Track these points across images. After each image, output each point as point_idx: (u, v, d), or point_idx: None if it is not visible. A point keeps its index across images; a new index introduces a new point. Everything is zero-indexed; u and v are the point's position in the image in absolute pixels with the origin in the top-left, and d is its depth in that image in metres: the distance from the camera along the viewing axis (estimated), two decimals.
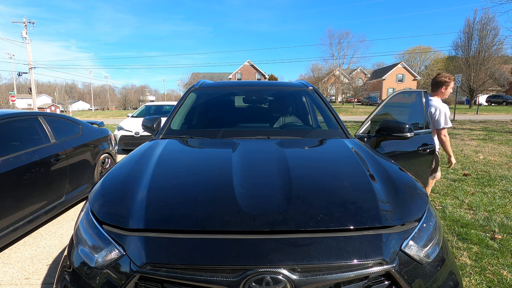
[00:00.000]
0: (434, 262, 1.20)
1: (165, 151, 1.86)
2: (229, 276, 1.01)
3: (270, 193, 1.36)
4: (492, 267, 2.42)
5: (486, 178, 5.07)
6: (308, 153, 2.01)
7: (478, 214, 3.50)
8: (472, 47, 32.83)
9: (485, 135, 10.63)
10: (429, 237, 1.25)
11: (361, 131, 2.73)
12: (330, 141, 2.20)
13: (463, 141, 9.34)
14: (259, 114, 3.01)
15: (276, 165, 1.60)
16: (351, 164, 1.70)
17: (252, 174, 1.52)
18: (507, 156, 6.89)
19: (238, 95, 3.15)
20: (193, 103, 2.79)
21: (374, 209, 1.26)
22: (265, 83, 3.50)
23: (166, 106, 10.63)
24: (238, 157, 1.70)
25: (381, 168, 1.63)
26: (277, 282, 0.99)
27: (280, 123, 2.85)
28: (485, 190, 4.42)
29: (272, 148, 1.94)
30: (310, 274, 1.02)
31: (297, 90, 3.05)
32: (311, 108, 3.01)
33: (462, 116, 21.51)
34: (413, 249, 1.16)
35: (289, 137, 2.27)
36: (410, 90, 3.33)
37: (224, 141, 2.13)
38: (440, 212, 3.57)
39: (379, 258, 1.07)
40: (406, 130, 2.35)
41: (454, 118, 18.42)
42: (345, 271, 1.03)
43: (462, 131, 12.08)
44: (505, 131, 11.98)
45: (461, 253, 2.63)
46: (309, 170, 1.64)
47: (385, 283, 1.09)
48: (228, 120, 2.76)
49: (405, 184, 1.56)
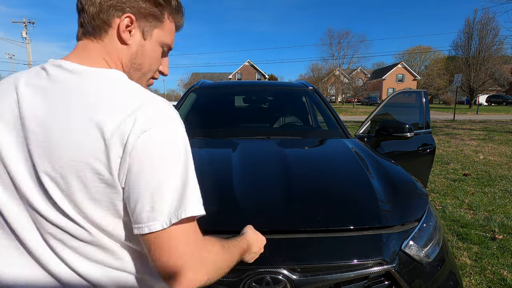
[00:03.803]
0: (434, 262, 1.20)
1: None
2: (229, 276, 1.00)
3: (270, 193, 1.36)
4: (492, 267, 2.42)
5: (486, 178, 5.07)
6: (308, 153, 2.01)
7: (478, 214, 3.50)
8: (472, 47, 32.85)
9: (485, 135, 10.63)
10: (429, 237, 1.25)
11: (361, 131, 2.73)
12: (330, 141, 2.20)
13: (463, 141, 9.34)
14: (259, 114, 3.01)
15: (276, 165, 1.60)
16: (351, 164, 1.70)
17: (252, 174, 1.52)
18: (507, 156, 6.89)
19: (238, 95, 3.15)
20: (193, 103, 2.79)
21: (374, 209, 1.26)
22: (265, 83, 3.51)
23: None
24: (238, 157, 1.70)
25: (381, 168, 1.63)
26: (277, 282, 0.99)
27: (280, 123, 2.85)
28: (485, 190, 4.42)
29: (272, 148, 1.94)
30: (310, 274, 1.02)
31: (297, 90, 3.05)
32: (311, 108, 3.01)
33: (462, 116, 21.52)
34: (413, 249, 1.16)
35: (289, 137, 2.27)
36: (410, 90, 3.33)
37: (224, 141, 2.13)
38: (440, 212, 3.57)
39: (379, 258, 1.07)
40: (406, 130, 2.35)
41: (454, 118, 18.42)
42: (345, 271, 1.03)
43: (462, 131, 12.08)
44: (505, 131, 11.98)
45: (461, 253, 2.63)
46: (309, 170, 1.64)
47: (385, 283, 1.09)
48: (228, 120, 2.76)
49: (405, 184, 1.56)
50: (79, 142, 0.55)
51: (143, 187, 0.56)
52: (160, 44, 0.72)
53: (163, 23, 0.71)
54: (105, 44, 0.66)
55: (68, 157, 0.56)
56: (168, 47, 0.76)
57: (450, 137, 10.18)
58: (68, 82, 0.60)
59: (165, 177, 0.57)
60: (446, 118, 19.85)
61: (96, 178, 0.56)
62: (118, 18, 0.65)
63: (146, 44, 0.70)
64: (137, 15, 0.66)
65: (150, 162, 0.56)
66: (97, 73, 0.62)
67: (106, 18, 0.64)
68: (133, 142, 0.55)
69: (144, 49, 0.70)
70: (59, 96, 0.59)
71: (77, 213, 0.58)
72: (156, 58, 0.73)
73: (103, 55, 0.66)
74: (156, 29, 0.70)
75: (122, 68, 0.69)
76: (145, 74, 0.73)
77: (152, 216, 0.56)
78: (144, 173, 0.56)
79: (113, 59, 0.67)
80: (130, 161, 0.55)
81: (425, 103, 3.09)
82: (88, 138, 0.55)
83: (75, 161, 0.55)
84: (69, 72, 0.61)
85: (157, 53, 0.73)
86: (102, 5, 0.63)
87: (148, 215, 0.56)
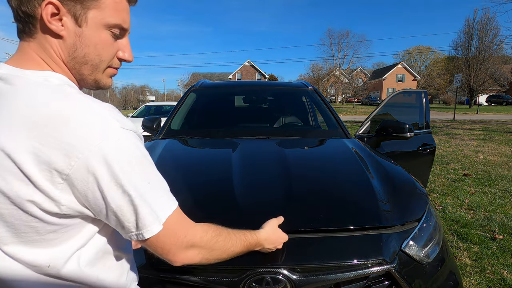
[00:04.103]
0: (434, 262, 1.20)
1: (165, 151, 1.85)
2: (229, 276, 1.00)
3: (269, 193, 1.36)
4: (492, 267, 2.42)
5: (486, 178, 5.07)
6: (308, 153, 2.01)
7: (478, 214, 3.50)
8: (472, 47, 32.85)
9: (485, 135, 10.62)
10: (429, 237, 1.25)
11: (361, 131, 2.73)
12: (330, 141, 2.20)
13: (463, 141, 9.34)
14: (259, 114, 3.01)
15: (276, 165, 1.60)
16: (351, 164, 1.69)
17: (252, 174, 1.52)
18: (507, 156, 6.89)
19: (238, 95, 3.15)
20: (193, 103, 2.79)
21: (374, 209, 1.26)
22: (265, 83, 3.51)
23: (166, 106, 10.63)
24: (238, 157, 1.70)
25: (381, 168, 1.63)
26: (277, 282, 0.99)
27: (280, 123, 2.85)
28: (485, 190, 4.42)
29: (272, 148, 1.94)
30: (310, 274, 1.02)
31: (297, 90, 3.05)
32: (311, 108, 3.01)
33: (462, 116, 21.51)
34: (413, 249, 1.16)
35: (289, 137, 2.27)
36: (410, 90, 3.33)
37: (224, 141, 2.13)
38: (440, 212, 3.57)
39: (379, 258, 1.07)
40: (406, 130, 2.35)
41: (454, 118, 18.42)
42: (345, 271, 1.03)
43: (462, 131, 12.08)
44: (505, 131, 11.98)
45: (461, 253, 2.63)
46: (309, 170, 1.64)
47: (385, 283, 1.09)
48: (228, 120, 2.76)
49: (405, 184, 1.55)
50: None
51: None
52: (105, 27, 0.60)
53: (100, 1, 0.58)
54: (39, 41, 0.58)
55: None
56: (119, 28, 0.62)
57: (450, 137, 10.18)
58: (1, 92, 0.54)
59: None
60: (446, 118, 19.86)
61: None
62: (40, 6, 0.55)
63: (83, 31, 0.58)
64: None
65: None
66: (26, 80, 0.55)
67: (29, 10, 0.55)
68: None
69: (83, 38, 0.59)
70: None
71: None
72: (104, 44, 0.61)
73: (40, 54, 0.58)
74: (92, 10, 0.58)
75: (65, 65, 0.60)
76: (97, 66, 0.62)
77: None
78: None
79: (52, 57, 0.59)
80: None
81: (425, 103, 3.09)
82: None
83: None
84: (1, 80, 0.55)
85: (104, 39, 0.61)
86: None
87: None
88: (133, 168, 0.55)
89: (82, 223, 0.58)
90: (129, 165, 0.54)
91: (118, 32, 0.63)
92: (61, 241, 0.57)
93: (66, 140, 0.50)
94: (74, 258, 0.58)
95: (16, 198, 0.51)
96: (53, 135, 0.50)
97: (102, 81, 0.66)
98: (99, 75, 0.64)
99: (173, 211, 0.62)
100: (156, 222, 0.58)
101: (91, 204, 0.54)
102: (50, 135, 0.49)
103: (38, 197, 0.51)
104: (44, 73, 0.58)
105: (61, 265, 0.57)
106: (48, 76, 0.57)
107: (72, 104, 0.53)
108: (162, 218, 0.59)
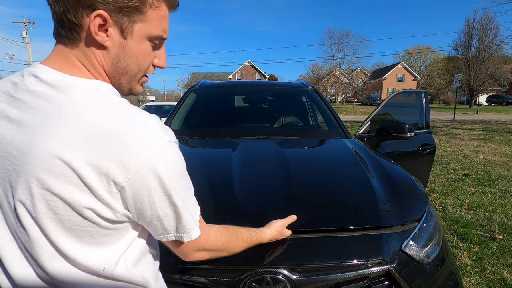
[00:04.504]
0: (434, 262, 1.20)
1: None
2: (229, 276, 1.01)
3: (269, 193, 1.36)
4: (492, 267, 2.42)
5: (486, 178, 5.07)
6: (308, 153, 2.01)
7: (478, 214, 3.50)
8: (472, 47, 32.84)
9: (485, 135, 10.62)
10: (429, 237, 1.25)
11: (361, 131, 2.73)
12: (330, 141, 2.20)
13: (463, 141, 9.34)
14: (259, 114, 3.01)
15: (276, 165, 1.60)
16: (351, 164, 1.70)
17: (252, 174, 1.52)
18: (507, 156, 6.89)
19: (238, 95, 3.15)
20: (193, 103, 2.79)
21: (374, 209, 1.26)
22: (265, 83, 3.51)
23: (166, 106, 10.65)
24: (238, 157, 1.70)
25: (381, 168, 1.63)
26: (277, 282, 0.99)
27: (280, 123, 2.85)
28: (485, 190, 4.42)
29: (272, 148, 1.94)
30: (310, 274, 1.02)
31: (297, 90, 3.05)
32: (311, 108, 3.01)
33: (462, 116, 21.51)
34: (413, 249, 1.16)
35: (289, 137, 2.27)
36: (410, 90, 3.33)
37: (224, 141, 2.13)
38: (440, 212, 3.57)
39: (379, 258, 1.07)
40: (406, 130, 2.35)
41: (454, 118, 18.42)
42: (345, 271, 1.03)
43: (462, 131, 12.08)
44: (505, 131, 11.98)
45: (461, 253, 2.63)
46: (309, 170, 1.64)
47: (385, 283, 1.09)
48: (228, 120, 2.76)
49: (405, 184, 1.55)
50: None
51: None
52: (147, 39, 0.61)
53: (146, 14, 0.58)
54: (82, 49, 0.57)
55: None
56: (160, 39, 0.64)
57: (450, 137, 10.18)
58: (46, 99, 0.54)
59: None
60: (446, 118, 19.85)
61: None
62: (88, 17, 0.54)
63: (128, 44, 0.59)
64: (111, 11, 0.55)
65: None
66: (78, 90, 0.55)
67: (74, 18, 0.54)
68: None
69: (127, 50, 0.59)
70: (34, 114, 0.53)
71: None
72: (145, 55, 0.62)
73: (82, 61, 0.58)
74: (138, 24, 0.58)
75: (106, 74, 0.61)
76: (135, 76, 0.64)
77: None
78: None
79: (94, 65, 0.59)
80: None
81: (425, 103, 3.09)
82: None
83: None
84: (47, 85, 0.55)
85: (145, 49, 0.62)
86: (67, 2, 0.54)
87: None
88: (178, 181, 0.60)
89: (128, 227, 0.62)
90: (176, 177, 0.59)
91: (159, 42, 0.64)
92: (109, 244, 0.60)
93: (123, 154, 0.52)
94: (122, 260, 0.62)
95: (77, 206, 0.53)
96: (110, 148, 0.52)
97: (136, 89, 0.68)
98: (134, 83, 0.66)
99: (199, 215, 0.68)
100: (196, 228, 0.64)
101: (137, 210, 0.58)
102: (107, 148, 0.52)
103: (97, 205, 0.54)
104: (92, 81, 0.58)
105: (113, 267, 0.60)
106: (97, 85, 0.58)
107: (124, 117, 0.55)
108: (197, 223, 0.65)
